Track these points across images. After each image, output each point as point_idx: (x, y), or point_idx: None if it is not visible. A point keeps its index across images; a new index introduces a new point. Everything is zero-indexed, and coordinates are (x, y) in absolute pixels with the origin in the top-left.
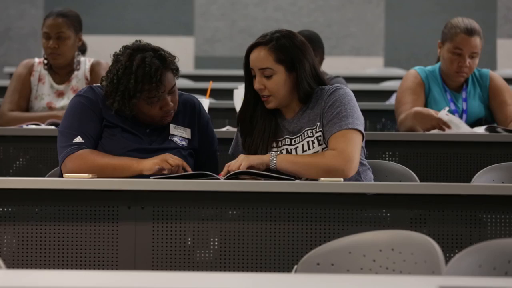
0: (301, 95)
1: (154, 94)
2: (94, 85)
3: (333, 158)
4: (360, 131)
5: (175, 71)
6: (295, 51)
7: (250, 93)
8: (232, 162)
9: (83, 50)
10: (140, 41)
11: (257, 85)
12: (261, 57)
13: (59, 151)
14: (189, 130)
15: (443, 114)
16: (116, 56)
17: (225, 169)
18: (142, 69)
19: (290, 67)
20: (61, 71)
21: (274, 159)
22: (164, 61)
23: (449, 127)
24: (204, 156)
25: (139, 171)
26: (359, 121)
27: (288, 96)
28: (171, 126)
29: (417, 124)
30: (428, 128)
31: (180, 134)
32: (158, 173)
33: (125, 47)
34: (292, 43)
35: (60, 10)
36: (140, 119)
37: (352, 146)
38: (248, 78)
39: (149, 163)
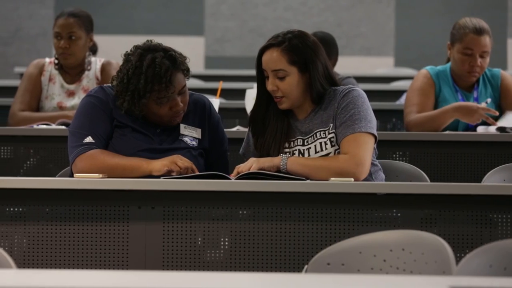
0: (314, 95)
1: (163, 95)
2: (105, 85)
3: (345, 161)
4: (372, 134)
5: (186, 71)
6: (308, 51)
7: (262, 93)
8: (242, 165)
9: (94, 50)
10: (151, 41)
11: (270, 86)
12: (274, 58)
13: (69, 151)
14: (199, 130)
15: (484, 105)
16: (127, 56)
17: (235, 171)
18: (152, 69)
19: (303, 68)
20: (71, 71)
21: (285, 161)
22: (174, 62)
23: (495, 113)
24: (214, 156)
25: (149, 172)
26: (372, 124)
27: (301, 96)
28: (182, 126)
29: (461, 118)
30: (474, 120)
31: (190, 134)
32: (167, 175)
33: (136, 47)
34: (305, 43)
35: (71, 10)
36: (150, 119)
37: (364, 150)
38: (260, 79)
39: (158, 164)
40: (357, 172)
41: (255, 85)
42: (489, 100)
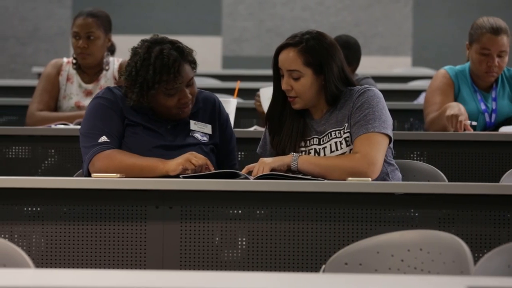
0: (328, 97)
1: (172, 85)
2: (112, 86)
3: (356, 160)
4: (386, 134)
5: (193, 64)
6: (324, 54)
7: (279, 92)
8: (252, 166)
9: (112, 50)
10: (158, 35)
11: (284, 85)
12: (290, 58)
13: (83, 152)
14: (209, 126)
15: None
16: (135, 49)
17: (245, 169)
18: (160, 60)
19: (318, 70)
20: (89, 70)
21: (296, 160)
22: (182, 53)
23: (469, 129)
24: (224, 153)
25: (165, 172)
26: (386, 124)
27: (314, 97)
28: (192, 122)
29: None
30: (449, 127)
31: (200, 129)
32: (183, 173)
33: (143, 40)
34: (321, 45)
35: (90, 10)
36: (158, 112)
37: (376, 149)
38: (277, 77)
39: (174, 164)
40: (369, 172)
41: (266, 84)
42: (474, 122)
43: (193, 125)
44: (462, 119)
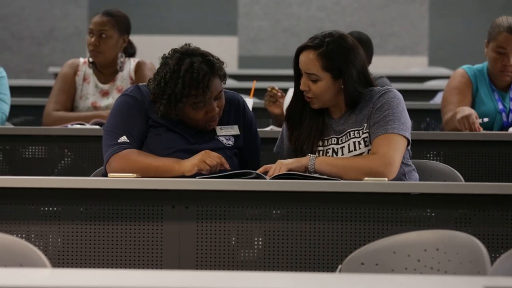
0: (348, 100)
1: (200, 100)
2: (140, 84)
3: (373, 160)
4: (405, 136)
5: (223, 77)
6: (344, 59)
7: (299, 89)
8: (269, 166)
9: (131, 53)
10: (189, 44)
11: (302, 86)
12: (309, 61)
13: (104, 150)
14: (236, 127)
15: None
16: (165, 59)
17: (261, 169)
18: (190, 74)
19: (336, 75)
20: (105, 70)
21: (313, 161)
22: (212, 67)
23: (479, 129)
24: (248, 154)
25: (180, 173)
26: (405, 126)
27: (332, 99)
28: (217, 128)
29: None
30: (462, 127)
31: (228, 133)
32: (199, 174)
33: (174, 50)
34: (342, 50)
35: (109, 9)
36: (186, 122)
37: (394, 150)
38: (297, 76)
39: (188, 165)
40: (386, 172)
41: (284, 84)
42: (486, 119)
43: (219, 130)
44: (473, 119)
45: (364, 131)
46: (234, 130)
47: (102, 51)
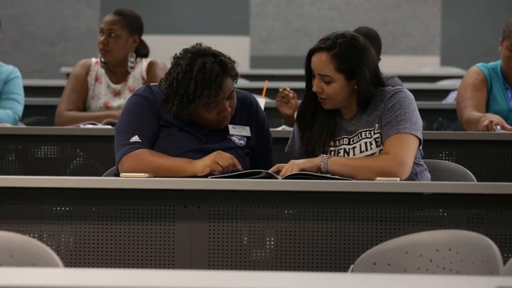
0: (360, 100)
1: (212, 100)
2: (152, 84)
3: (386, 161)
4: (417, 136)
5: (235, 76)
6: (357, 59)
7: (311, 91)
8: (282, 165)
9: (143, 54)
10: (200, 44)
11: (315, 88)
12: (322, 63)
13: (116, 150)
14: (247, 128)
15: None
16: (176, 59)
17: (274, 167)
18: (203, 74)
19: (349, 76)
20: (117, 70)
21: (326, 161)
22: (224, 67)
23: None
24: (260, 154)
25: (193, 173)
26: (417, 126)
27: (345, 100)
28: (230, 126)
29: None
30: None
31: (240, 133)
32: (211, 174)
33: (186, 51)
34: (354, 50)
35: (121, 9)
36: (198, 122)
37: (406, 150)
38: (309, 77)
39: (201, 166)
40: (398, 172)
41: (295, 84)
42: (498, 127)
43: (232, 129)
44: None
45: (376, 132)
46: (246, 131)
47: (111, 50)
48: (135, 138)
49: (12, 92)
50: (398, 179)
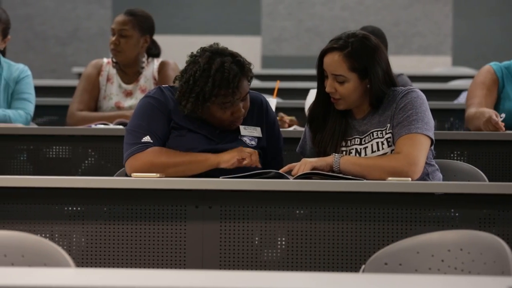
0: (373, 100)
1: (228, 100)
2: (163, 86)
3: (397, 160)
4: (428, 136)
5: (251, 78)
6: (370, 58)
7: (323, 92)
8: (294, 164)
9: (155, 53)
10: (218, 44)
11: (328, 88)
12: (335, 63)
13: (125, 148)
14: (258, 129)
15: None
16: (194, 57)
17: (286, 167)
18: (221, 73)
19: (363, 75)
20: (128, 70)
21: (338, 160)
22: (242, 68)
23: (501, 129)
24: (271, 154)
25: (217, 164)
26: (429, 126)
27: (358, 100)
28: (241, 127)
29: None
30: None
31: (251, 134)
32: (238, 165)
33: (203, 49)
34: (367, 49)
35: (132, 9)
36: (210, 122)
37: (418, 150)
38: (321, 77)
39: (227, 156)
40: (410, 171)
41: (307, 84)
42: (503, 115)
43: (243, 130)
44: (494, 119)
45: (387, 132)
46: (257, 132)
47: (123, 50)
48: (147, 138)
49: (24, 91)
50: (410, 179)
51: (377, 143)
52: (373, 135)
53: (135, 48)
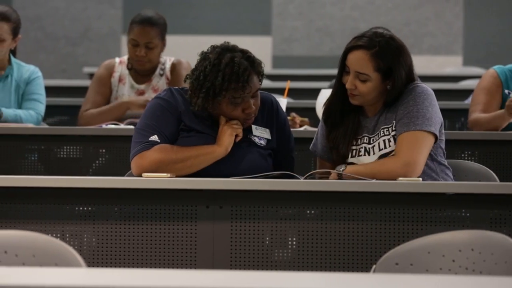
0: (389, 100)
1: (239, 94)
2: (174, 88)
3: (390, 163)
4: (430, 132)
5: (261, 75)
6: (395, 60)
7: (341, 87)
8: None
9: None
10: (228, 43)
11: (349, 84)
12: (362, 61)
13: (132, 146)
14: (268, 131)
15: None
16: (204, 54)
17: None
18: (231, 67)
19: (386, 76)
20: (143, 71)
21: (341, 170)
22: (252, 63)
23: None
24: (281, 155)
25: (225, 151)
26: (431, 122)
27: (374, 98)
28: (253, 127)
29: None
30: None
31: (261, 134)
32: (236, 139)
33: (214, 46)
34: (394, 51)
35: (149, 16)
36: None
37: (413, 148)
38: (342, 72)
39: (227, 140)
40: (407, 173)
41: (318, 84)
42: None
43: (255, 130)
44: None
45: (393, 129)
46: (267, 133)
47: (150, 60)
48: (154, 137)
49: (34, 92)
50: (421, 179)
51: (384, 141)
52: (380, 133)
53: (159, 54)
